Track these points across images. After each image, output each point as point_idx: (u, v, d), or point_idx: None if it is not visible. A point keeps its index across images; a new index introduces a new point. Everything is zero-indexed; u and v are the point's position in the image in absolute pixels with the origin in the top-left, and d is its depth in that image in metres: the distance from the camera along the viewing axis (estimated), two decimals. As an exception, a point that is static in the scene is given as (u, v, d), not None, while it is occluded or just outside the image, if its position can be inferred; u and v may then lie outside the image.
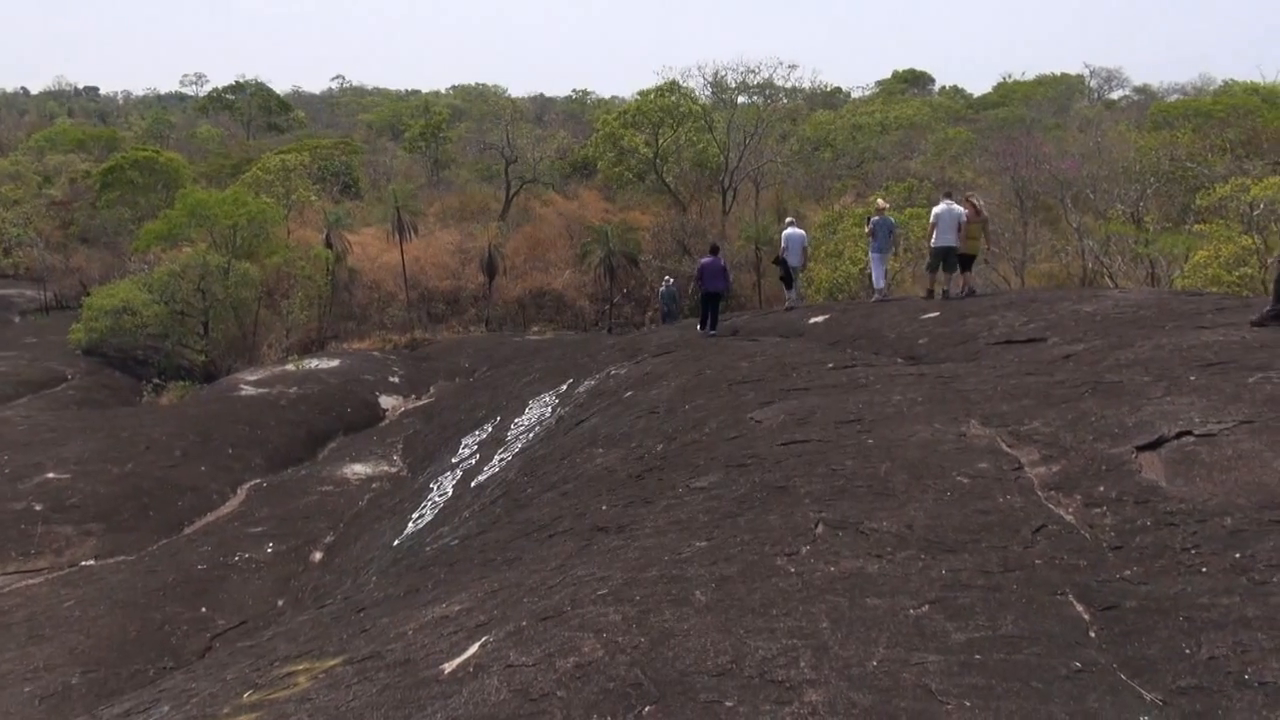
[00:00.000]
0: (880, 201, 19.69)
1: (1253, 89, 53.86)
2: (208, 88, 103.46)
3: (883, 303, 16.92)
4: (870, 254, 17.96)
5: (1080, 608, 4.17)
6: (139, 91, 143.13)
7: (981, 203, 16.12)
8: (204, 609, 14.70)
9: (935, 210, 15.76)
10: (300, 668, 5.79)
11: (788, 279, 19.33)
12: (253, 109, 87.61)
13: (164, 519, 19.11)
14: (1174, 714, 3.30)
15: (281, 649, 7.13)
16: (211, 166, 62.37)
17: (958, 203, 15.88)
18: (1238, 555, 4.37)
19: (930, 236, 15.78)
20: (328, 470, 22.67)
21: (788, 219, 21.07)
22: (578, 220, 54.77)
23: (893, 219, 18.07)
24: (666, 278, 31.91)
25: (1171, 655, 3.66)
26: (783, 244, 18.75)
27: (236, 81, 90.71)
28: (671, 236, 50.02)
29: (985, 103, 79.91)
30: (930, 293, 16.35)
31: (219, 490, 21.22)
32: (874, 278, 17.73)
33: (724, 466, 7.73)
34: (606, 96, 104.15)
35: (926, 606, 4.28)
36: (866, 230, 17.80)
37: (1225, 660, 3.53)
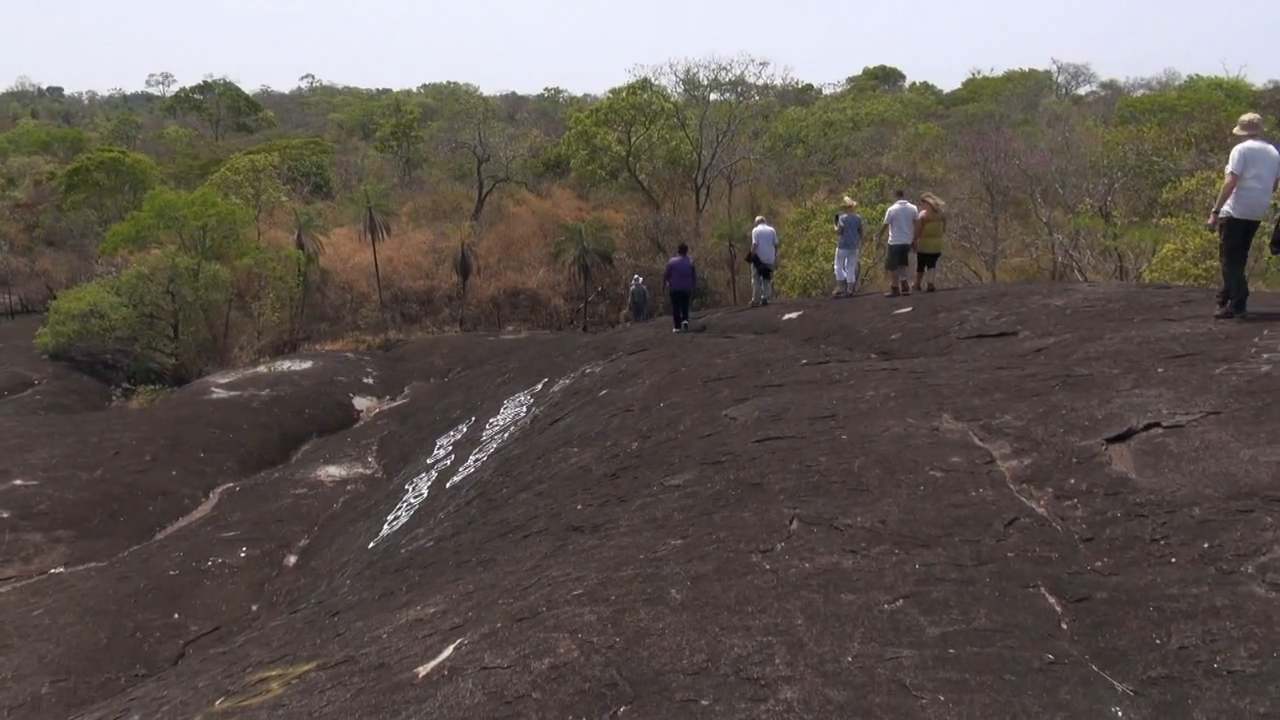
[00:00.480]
0: (848, 199, 20.11)
1: (1217, 84, 54.62)
2: (175, 88, 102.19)
3: (851, 298, 17.33)
4: (838, 250, 18.42)
5: (1052, 600, 4.20)
6: (104, 92, 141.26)
7: (937, 201, 16.68)
8: (176, 615, 14.52)
9: (890, 210, 16.49)
10: (273, 674, 5.73)
11: (763, 274, 19.70)
12: (221, 109, 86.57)
13: (135, 525, 18.85)
14: (1145, 704, 3.33)
15: (254, 655, 7.05)
16: (179, 167, 61.54)
17: (912, 202, 16.50)
18: (1206, 545, 4.42)
19: (887, 236, 16.46)
20: (301, 473, 22.46)
21: (758, 217, 21.55)
22: (551, 219, 54.66)
23: (860, 216, 18.52)
24: (636, 277, 32.19)
25: (1142, 646, 3.69)
26: (754, 241, 19.12)
27: (204, 81, 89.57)
28: (645, 234, 50.03)
29: (955, 99, 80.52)
30: (895, 289, 16.72)
31: (190, 495, 20.97)
32: (842, 273, 18.21)
33: (699, 464, 7.72)
34: (579, 94, 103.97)
35: (901, 601, 4.30)
36: (836, 228, 18.28)
37: (1195, 650, 3.57)
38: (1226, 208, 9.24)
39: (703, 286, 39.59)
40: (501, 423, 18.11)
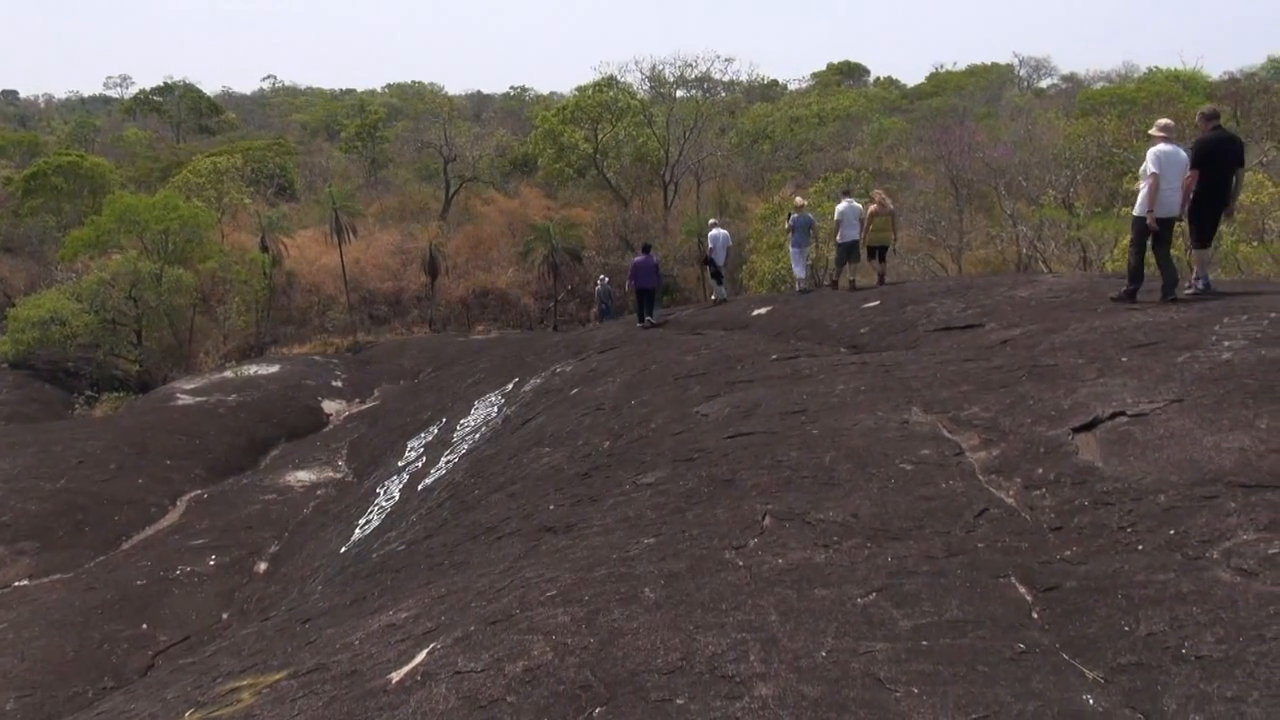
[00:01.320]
0: (799, 200, 20.92)
1: (1174, 76, 55.42)
2: (134, 90, 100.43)
3: (806, 293, 17.94)
4: (791, 249, 19.03)
5: (1023, 589, 4.23)
6: (61, 95, 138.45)
7: (884, 197, 17.39)
8: (145, 626, 14.31)
9: (838, 208, 17.20)
10: (244, 683, 5.65)
11: (717, 276, 20.38)
12: (181, 111, 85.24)
13: (100, 535, 18.55)
14: (1115, 691, 3.36)
15: (225, 664, 6.96)
16: (140, 170, 60.59)
17: (859, 199, 17.55)
18: (1172, 532, 4.48)
19: (835, 234, 17.13)
20: (270, 478, 22.22)
21: (711, 220, 22.54)
22: (519, 218, 54.45)
23: (811, 215, 19.06)
24: (601, 277, 32.70)
25: (1111, 633, 3.73)
26: (709, 244, 19.77)
27: (164, 83, 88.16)
28: (614, 232, 49.99)
29: (919, 93, 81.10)
30: (837, 283, 17.61)
31: (157, 503, 20.67)
32: (795, 270, 18.87)
33: (671, 462, 7.72)
34: (545, 93, 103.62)
35: (873, 595, 4.31)
36: (787, 227, 18.93)
37: (1162, 636, 3.61)
38: (1140, 208, 10.08)
39: (671, 284, 39.74)
40: (473, 424, 18.02)
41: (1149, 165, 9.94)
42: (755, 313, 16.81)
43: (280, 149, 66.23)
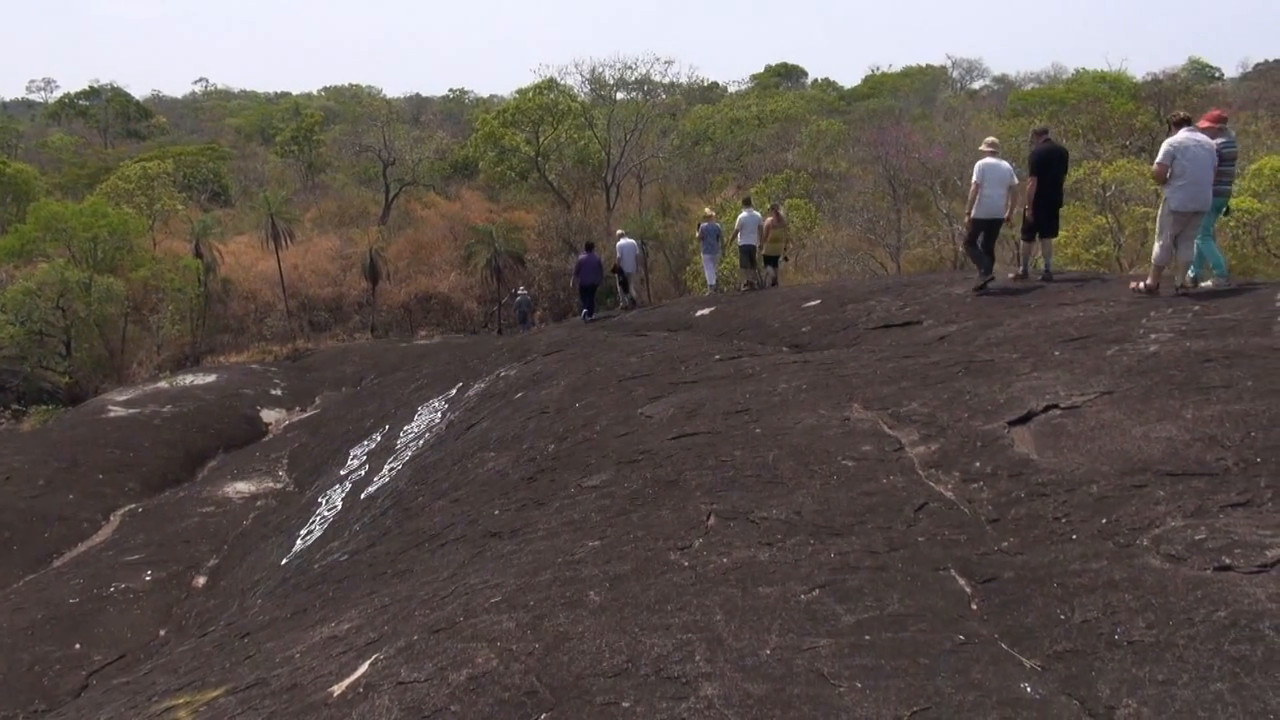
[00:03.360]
0: (708, 210, 22.61)
1: (1101, 77, 57.00)
2: (58, 94, 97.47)
3: (715, 291, 20.39)
4: (702, 255, 20.77)
5: (962, 581, 4.30)
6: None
7: (784, 212, 19.66)
8: (78, 645, 13.88)
9: (739, 217, 18.90)
10: (180, 701, 5.50)
11: (624, 284, 21.65)
12: (109, 115, 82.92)
13: (30, 553, 17.96)
14: (1052, 678, 3.43)
15: (161, 683, 6.76)
16: (66, 177, 58.84)
17: (758, 209, 19.46)
18: (1104, 521, 4.59)
19: (735, 238, 18.96)
20: (208, 490, 21.71)
21: (619, 231, 24.19)
22: (461, 221, 53.98)
23: (719, 225, 20.86)
24: (519, 288, 33.41)
25: (1048, 622, 3.80)
26: (617, 254, 21.07)
27: (90, 86, 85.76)
28: (557, 234, 49.83)
29: (856, 94, 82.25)
30: (749, 285, 19.17)
31: (90, 518, 20.08)
32: (706, 274, 20.56)
33: (615, 464, 7.70)
34: (484, 95, 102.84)
35: (817, 591, 4.34)
36: (697, 235, 20.66)
37: (1096, 623, 3.69)
38: (972, 212, 11.88)
39: (612, 282, 39.77)
40: (416, 430, 17.81)
41: (974, 176, 11.84)
42: (699, 313, 16.89)
43: (213, 154, 64.84)
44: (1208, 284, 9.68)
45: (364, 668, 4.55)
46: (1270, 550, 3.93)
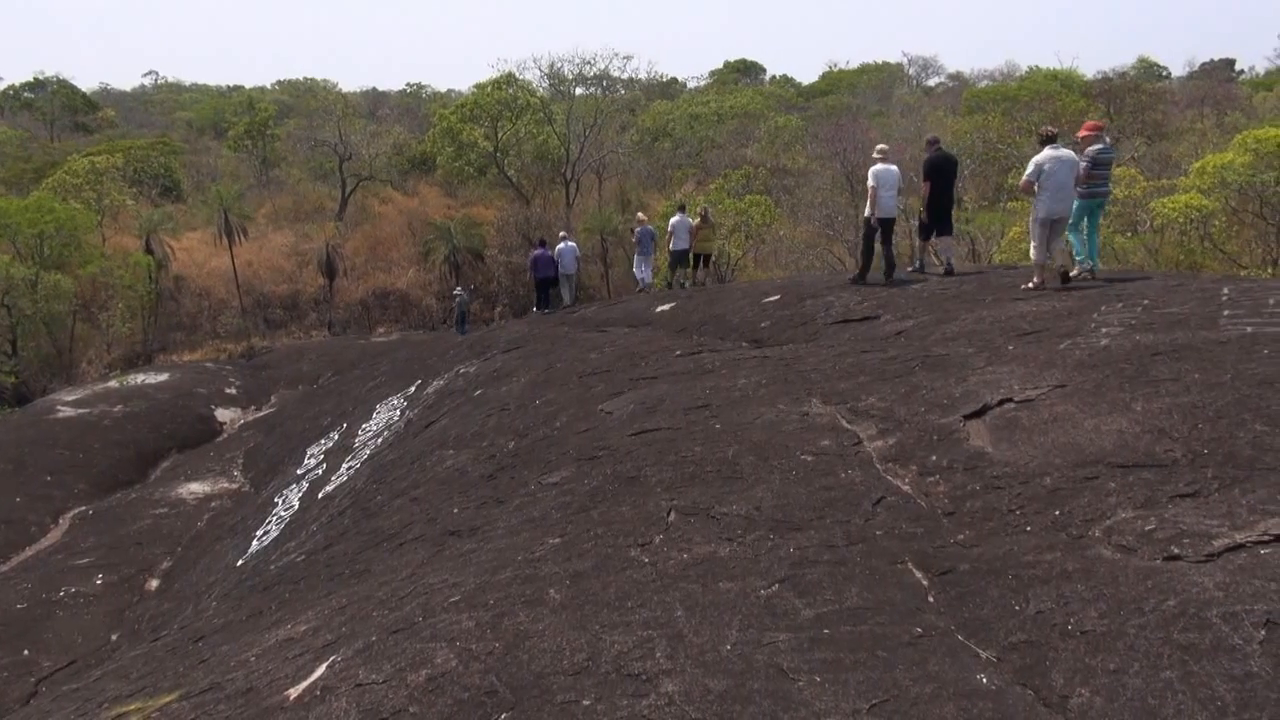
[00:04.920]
0: (640, 215, 23.73)
1: (1053, 75, 57.88)
2: (1, 86, 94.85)
3: (646, 292, 21.46)
4: (635, 257, 22.30)
5: (919, 574, 4.34)
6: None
7: (711, 214, 21.49)
8: (26, 651, 13.55)
9: (671, 221, 20.44)
10: (131, 708, 5.39)
11: (566, 281, 22.71)
12: (55, 108, 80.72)
13: (-26, 557, 17.50)
14: (1007, 669, 3.48)
15: (112, 689, 6.62)
16: (10, 171, 57.23)
17: (689, 214, 21.03)
18: (1057, 513, 4.66)
19: (669, 241, 20.37)
20: (161, 491, 21.31)
21: (561, 233, 25.29)
22: (419, 217, 53.49)
23: (652, 228, 22.34)
24: (458, 287, 33.89)
25: (1003, 613, 3.85)
26: (556, 256, 22.24)
27: (35, 78, 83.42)
28: (516, 230, 49.54)
29: (813, 91, 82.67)
30: (680, 284, 20.72)
31: (38, 521, 19.61)
32: (639, 274, 21.99)
33: (576, 460, 7.69)
34: (443, 90, 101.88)
35: (776, 586, 4.36)
36: (634, 240, 22.24)
37: (1050, 613, 3.75)
38: (867, 212, 13.35)
39: (577, 280, 39.81)
40: (374, 428, 17.63)
41: (869, 180, 13.20)
42: (659, 309, 16.90)
43: (164, 148, 63.45)
44: (1076, 271, 11.05)
45: (321, 670, 4.49)
46: (1217, 540, 4.02)
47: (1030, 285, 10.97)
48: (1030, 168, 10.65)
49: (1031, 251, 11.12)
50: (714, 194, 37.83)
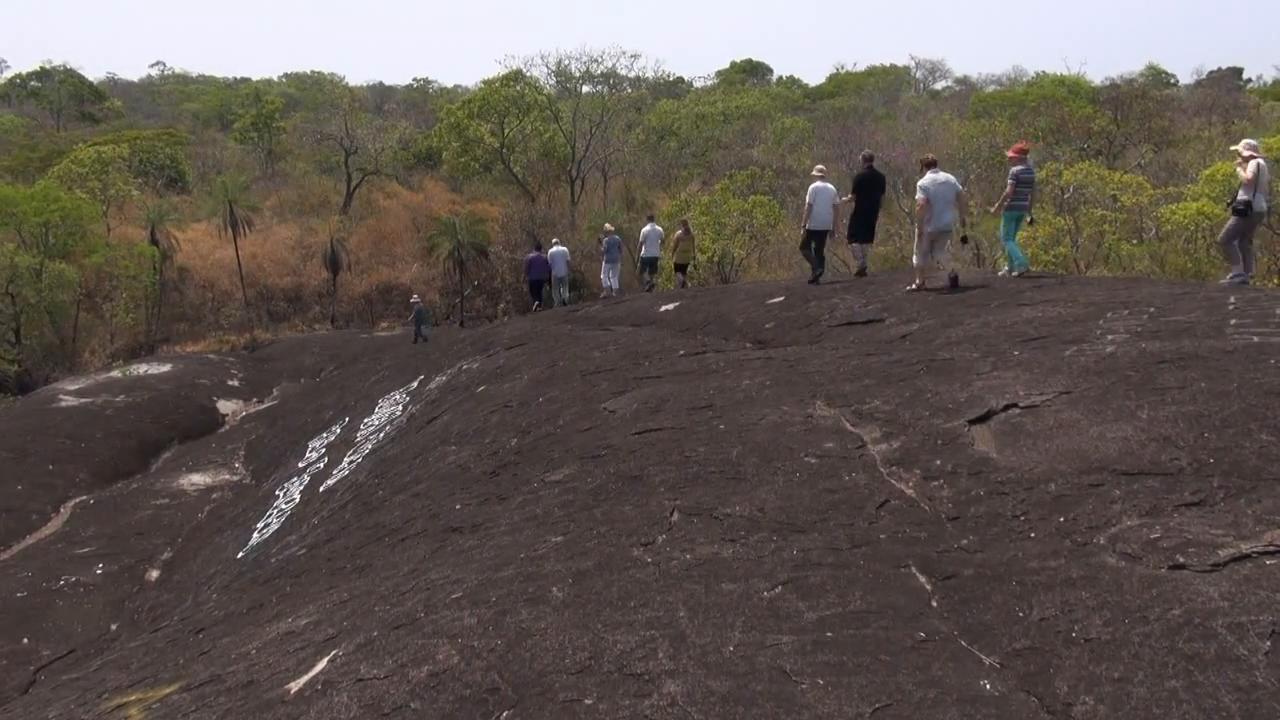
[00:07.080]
0: (607, 225, 25.37)
1: (1060, 81, 57.89)
2: (8, 74, 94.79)
3: (618, 300, 21.78)
4: (604, 264, 23.56)
5: (923, 579, 4.33)
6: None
7: (687, 224, 23.78)
8: (25, 640, 13.56)
9: (643, 230, 22.22)
10: (131, 699, 5.39)
11: (560, 283, 24.59)
12: (62, 97, 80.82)
13: (-25, 545, 17.52)
14: (1010, 675, 3.47)
15: (111, 679, 6.63)
16: (16, 160, 57.32)
17: (659, 224, 23.27)
18: (1062, 519, 4.65)
19: (640, 249, 22.00)
20: (162, 482, 21.33)
21: (554, 239, 26.76)
22: (424, 212, 53.56)
23: (619, 237, 23.93)
24: (415, 296, 34.74)
25: (1007, 619, 3.85)
26: (549, 259, 24.07)
27: (42, 67, 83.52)
28: (520, 227, 49.57)
29: (820, 92, 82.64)
30: (650, 287, 22.69)
31: (39, 510, 19.62)
32: (608, 281, 23.22)
33: (578, 459, 7.68)
34: (449, 85, 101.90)
35: (779, 588, 4.35)
36: (602, 249, 23.68)
37: (1054, 620, 3.74)
38: (808, 224, 15.19)
39: (579, 279, 39.94)
40: (376, 422, 17.64)
41: (807, 196, 15.17)
42: (663, 308, 16.89)
43: (170, 138, 63.58)
44: (1005, 271, 13.25)
45: (322, 664, 4.49)
46: (1223, 550, 4.01)
47: (912, 287, 12.58)
48: (919, 193, 12.29)
49: (915, 258, 12.85)
50: (719, 194, 37.80)
